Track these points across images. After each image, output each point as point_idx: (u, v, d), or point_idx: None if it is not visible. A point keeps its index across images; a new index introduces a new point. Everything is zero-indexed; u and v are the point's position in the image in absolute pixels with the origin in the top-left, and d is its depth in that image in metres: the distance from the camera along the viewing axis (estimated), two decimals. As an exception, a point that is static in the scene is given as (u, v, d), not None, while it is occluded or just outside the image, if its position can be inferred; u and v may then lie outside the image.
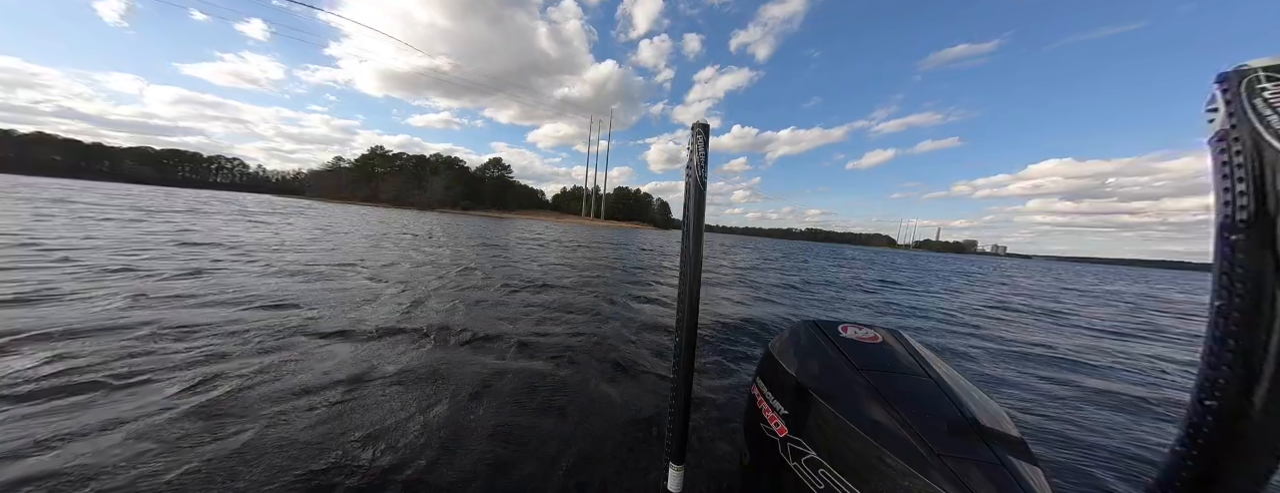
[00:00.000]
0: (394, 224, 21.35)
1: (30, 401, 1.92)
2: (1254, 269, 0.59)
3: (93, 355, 2.43)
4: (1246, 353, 0.59)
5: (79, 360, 2.34)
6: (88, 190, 29.74)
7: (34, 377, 2.12)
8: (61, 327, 2.82)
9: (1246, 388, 0.59)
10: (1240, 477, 0.62)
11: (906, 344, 1.27)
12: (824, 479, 0.96)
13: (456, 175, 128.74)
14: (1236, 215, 0.61)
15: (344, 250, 8.57)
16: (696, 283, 1.10)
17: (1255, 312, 0.59)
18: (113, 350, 2.53)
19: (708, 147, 1.12)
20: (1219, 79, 0.64)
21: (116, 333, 2.83)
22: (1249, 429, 0.60)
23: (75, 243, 6.47)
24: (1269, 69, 0.60)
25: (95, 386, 2.11)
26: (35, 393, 1.97)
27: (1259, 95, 0.60)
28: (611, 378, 2.81)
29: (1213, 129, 0.65)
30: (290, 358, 2.65)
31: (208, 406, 1.99)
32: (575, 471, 1.76)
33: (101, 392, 2.06)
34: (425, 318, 3.89)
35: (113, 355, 2.46)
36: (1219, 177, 0.64)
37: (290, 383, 2.30)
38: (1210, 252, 0.65)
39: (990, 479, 0.79)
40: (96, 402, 1.97)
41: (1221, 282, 0.62)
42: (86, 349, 2.52)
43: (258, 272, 5.44)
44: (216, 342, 2.82)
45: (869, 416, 0.96)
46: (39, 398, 1.95)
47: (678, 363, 1.12)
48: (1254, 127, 0.60)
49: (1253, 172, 0.60)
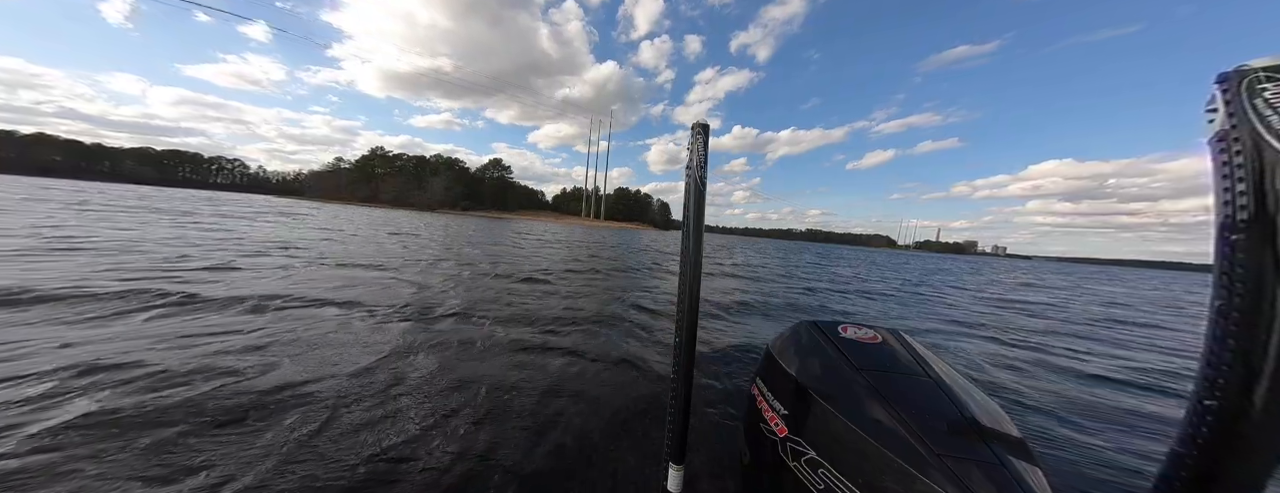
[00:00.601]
0: (383, 225, 21.35)
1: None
2: (1254, 269, 0.59)
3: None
4: (1246, 353, 0.59)
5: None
6: (100, 192, 29.87)
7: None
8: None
9: (1246, 388, 0.59)
10: (1240, 477, 0.62)
11: (906, 344, 1.27)
12: (824, 479, 0.96)
13: (456, 176, 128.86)
14: (1237, 215, 0.61)
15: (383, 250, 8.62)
16: (696, 283, 1.10)
17: (1255, 312, 0.59)
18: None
19: (707, 147, 1.12)
20: (1219, 79, 0.64)
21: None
22: (1249, 429, 0.60)
23: (183, 241, 7.73)
24: (1269, 69, 0.60)
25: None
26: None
27: (1259, 95, 0.60)
28: (611, 378, 2.81)
29: (1213, 129, 0.65)
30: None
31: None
32: (575, 471, 1.76)
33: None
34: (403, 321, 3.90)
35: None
36: (1219, 177, 0.64)
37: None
38: (1210, 252, 0.65)
39: (990, 479, 0.79)
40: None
41: (1221, 281, 0.62)
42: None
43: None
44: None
45: (869, 416, 0.96)
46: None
47: (678, 363, 1.12)
48: (1254, 127, 0.60)
49: (1253, 172, 0.60)
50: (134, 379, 2.18)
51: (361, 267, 6.69)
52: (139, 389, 2.08)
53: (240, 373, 2.35)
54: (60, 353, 2.43)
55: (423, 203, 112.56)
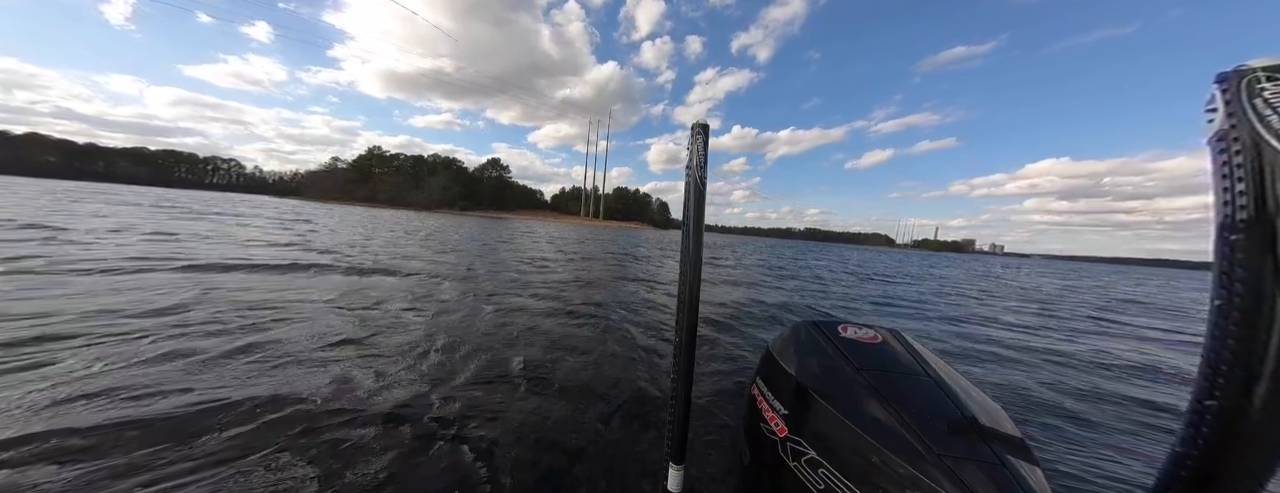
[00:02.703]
0: (373, 225, 21.29)
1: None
2: (1254, 269, 0.59)
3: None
4: (1246, 353, 0.59)
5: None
6: (106, 194, 29.89)
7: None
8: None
9: (1246, 388, 0.59)
10: (1240, 477, 0.62)
11: (906, 344, 1.27)
12: (824, 479, 0.96)
13: (454, 176, 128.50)
14: (1236, 215, 0.61)
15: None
16: (696, 283, 1.10)
17: (1255, 312, 0.59)
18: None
19: (707, 147, 1.11)
20: (1218, 79, 0.64)
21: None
22: (1249, 429, 0.60)
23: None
24: (1269, 69, 0.60)
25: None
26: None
27: (1259, 95, 0.60)
28: (610, 378, 2.81)
29: (1212, 129, 0.65)
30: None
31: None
32: (575, 471, 1.76)
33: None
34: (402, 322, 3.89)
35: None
36: (1218, 177, 0.64)
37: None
38: (1207, 251, 0.65)
39: (990, 479, 0.79)
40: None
41: (1221, 282, 0.62)
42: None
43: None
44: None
45: (869, 415, 0.96)
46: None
47: (678, 363, 1.12)
48: (1254, 127, 0.60)
49: (1252, 171, 0.60)
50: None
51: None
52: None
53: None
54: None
55: (421, 202, 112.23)
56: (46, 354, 2.36)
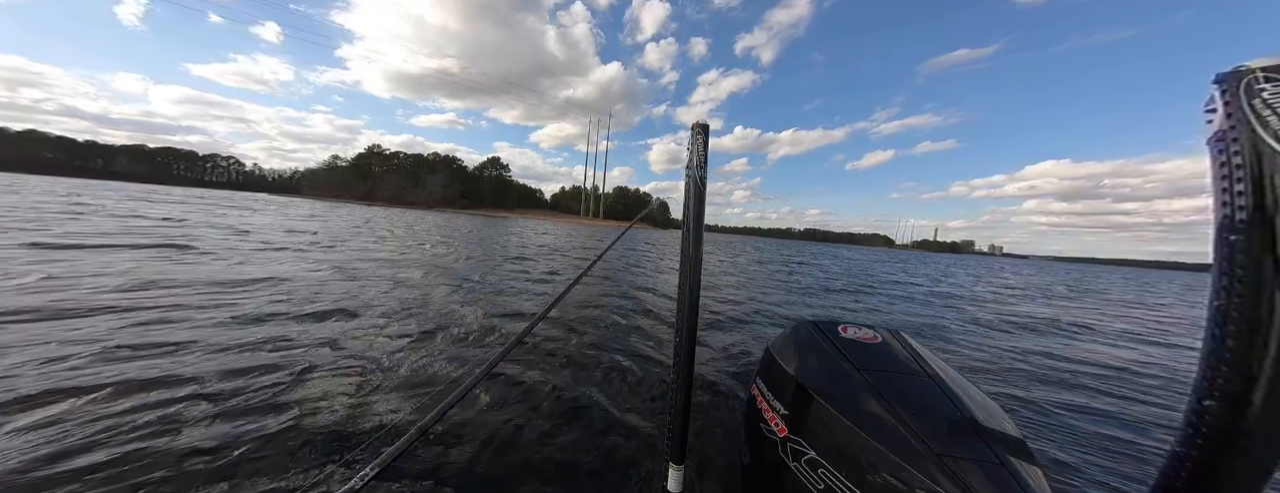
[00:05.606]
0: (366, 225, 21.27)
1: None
2: (1254, 269, 0.59)
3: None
4: (1246, 353, 0.59)
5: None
6: (113, 191, 29.71)
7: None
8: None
9: (1246, 388, 0.59)
10: (1240, 477, 0.62)
11: (906, 344, 1.27)
12: (824, 479, 0.96)
13: (454, 174, 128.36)
14: (1236, 216, 0.61)
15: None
16: (696, 283, 1.10)
17: (1255, 312, 0.59)
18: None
19: (708, 147, 1.12)
20: (1217, 80, 0.64)
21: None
22: (1249, 429, 0.60)
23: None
24: (1268, 70, 0.60)
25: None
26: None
27: (1258, 96, 0.60)
28: (611, 378, 2.81)
29: (1211, 130, 0.65)
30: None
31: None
32: (575, 471, 1.76)
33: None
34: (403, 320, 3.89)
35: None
36: (1218, 177, 0.64)
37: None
38: (1206, 252, 0.65)
39: (990, 479, 0.79)
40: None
41: (1221, 282, 0.62)
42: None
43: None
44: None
45: (869, 415, 0.96)
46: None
47: (678, 363, 1.12)
48: (1253, 127, 0.60)
49: (1252, 172, 0.60)
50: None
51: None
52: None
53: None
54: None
55: (420, 201, 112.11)
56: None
